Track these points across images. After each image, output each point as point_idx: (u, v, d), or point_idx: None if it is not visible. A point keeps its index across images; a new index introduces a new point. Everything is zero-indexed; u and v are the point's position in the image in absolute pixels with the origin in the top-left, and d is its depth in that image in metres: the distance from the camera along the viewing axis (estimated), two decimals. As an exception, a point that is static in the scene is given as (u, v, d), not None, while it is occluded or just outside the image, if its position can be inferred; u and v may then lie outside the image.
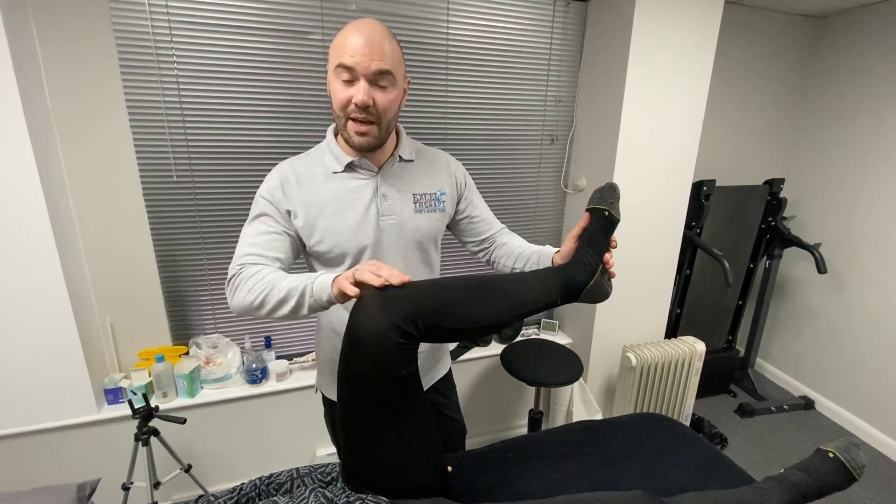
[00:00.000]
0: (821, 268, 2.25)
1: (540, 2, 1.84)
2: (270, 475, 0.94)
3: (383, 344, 0.69)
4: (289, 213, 0.95)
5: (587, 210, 0.91)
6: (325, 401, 1.19)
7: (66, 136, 1.44)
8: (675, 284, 2.21)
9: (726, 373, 2.67)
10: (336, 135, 0.99)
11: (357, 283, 0.75)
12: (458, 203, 1.10)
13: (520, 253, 1.08)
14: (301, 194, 0.94)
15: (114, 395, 1.61)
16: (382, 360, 0.71)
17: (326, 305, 0.80)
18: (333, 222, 0.95)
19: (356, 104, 0.84)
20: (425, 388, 1.15)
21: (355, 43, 0.82)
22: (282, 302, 0.82)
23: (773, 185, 2.37)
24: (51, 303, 1.42)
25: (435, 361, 1.19)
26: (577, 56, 1.98)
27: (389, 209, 0.98)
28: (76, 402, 1.54)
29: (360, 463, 0.82)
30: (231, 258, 1.59)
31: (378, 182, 0.97)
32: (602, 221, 0.88)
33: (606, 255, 0.89)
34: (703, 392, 2.56)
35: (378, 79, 0.85)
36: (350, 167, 0.97)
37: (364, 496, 0.77)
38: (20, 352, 1.43)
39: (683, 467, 1.08)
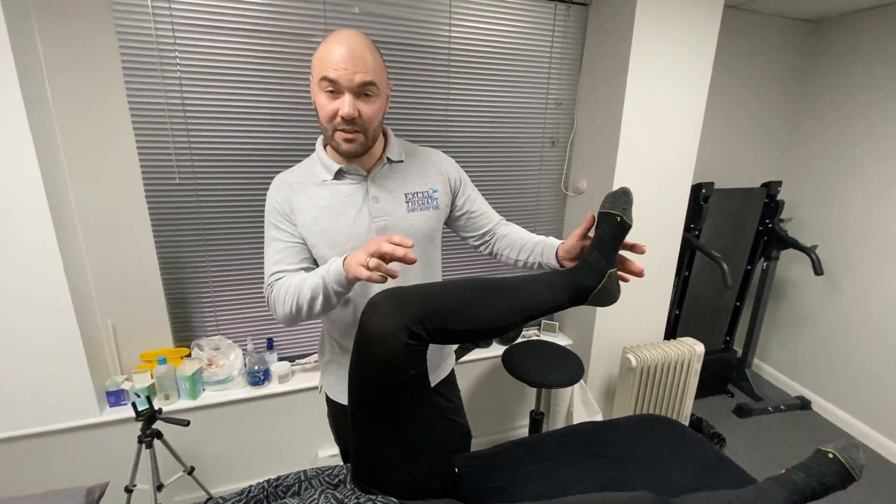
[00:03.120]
0: (817, 269, 2.28)
1: (541, 6, 1.85)
2: (278, 478, 0.95)
3: (393, 345, 0.70)
4: (293, 219, 0.98)
5: (599, 213, 0.90)
6: (329, 402, 1.20)
7: (68, 139, 1.44)
8: (673, 286, 2.22)
9: (724, 373, 2.69)
10: (325, 145, 1.01)
11: (379, 257, 0.75)
12: (454, 200, 1.11)
13: (523, 244, 1.09)
14: (297, 204, 0.97)
15: (115, 397, 1.61)
16: (392, 361, 0.72)
17: (349, 287, 0.86)
18: (327, 227, 0.97)
19: (342, 117, 0.86)
20: (427, 389, 1.16)
21: (338, 55, 0.83)
22: (313, 300, 0.87)
23: (771, 188, 2.40)
24: (53, 305, 1.42)
25: (437, 363, 1.19)
26: (578, 59, 1.99)
27: (382, 210, 0.99)
28: (79, 405, 1.53)
29: (369, 464, 0.82)
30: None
31: (368, 185, 0.99)
32: (613, 227, 0.88)
33: (637, 267, 0.91)
34: (701, 392, 2.57)
35: (362, 90, 0.86)
36: (340, 174, 0.98)
37: (374, 497, 0.78)
38: (23, 354, 1.43)
39: (686, 468, 1.09)
